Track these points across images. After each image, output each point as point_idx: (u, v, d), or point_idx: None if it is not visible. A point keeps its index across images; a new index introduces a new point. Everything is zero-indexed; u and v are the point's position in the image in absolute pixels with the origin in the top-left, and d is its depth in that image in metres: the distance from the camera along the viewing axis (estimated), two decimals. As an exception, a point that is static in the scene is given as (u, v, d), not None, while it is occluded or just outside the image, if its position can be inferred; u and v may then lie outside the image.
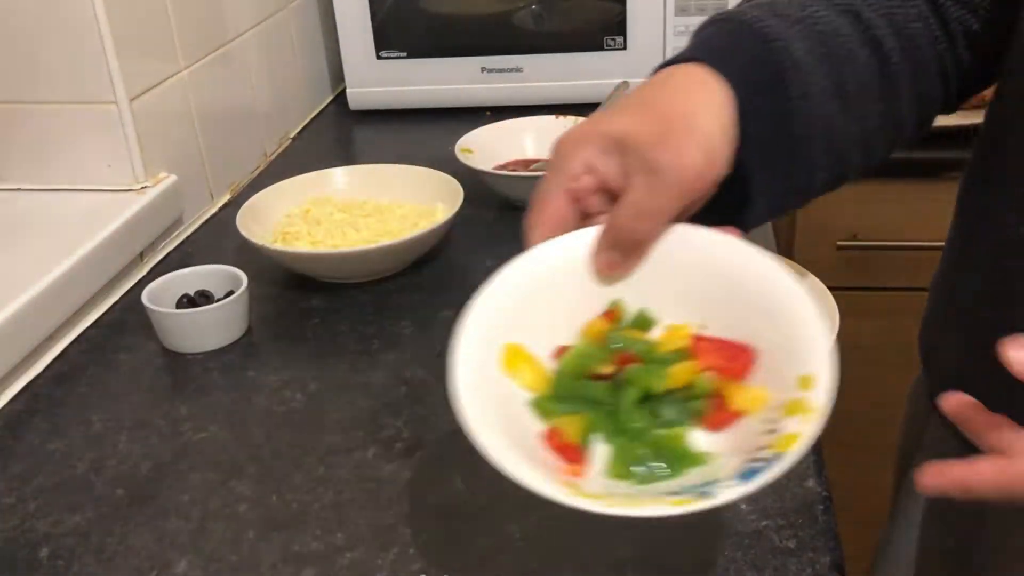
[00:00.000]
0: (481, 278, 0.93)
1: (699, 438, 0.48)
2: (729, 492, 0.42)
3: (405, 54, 1.32)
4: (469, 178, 1.02)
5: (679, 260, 0.52)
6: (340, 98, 1.44)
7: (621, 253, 0.52)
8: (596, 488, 0.46)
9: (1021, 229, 0.59)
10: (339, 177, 1.05)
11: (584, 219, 0.54)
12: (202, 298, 0.85)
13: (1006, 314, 0.61)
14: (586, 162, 0.52)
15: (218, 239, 1.05)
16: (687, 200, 0.51)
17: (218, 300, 0.84)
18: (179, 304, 0.85)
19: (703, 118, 0.51)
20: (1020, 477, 0.44)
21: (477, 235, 1.01)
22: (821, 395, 0.44)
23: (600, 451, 0.49)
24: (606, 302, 0.53)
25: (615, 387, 0.50)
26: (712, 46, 0.55)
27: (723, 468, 0.45)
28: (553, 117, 1.14)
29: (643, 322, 0.53)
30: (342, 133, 1.37)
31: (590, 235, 0.52)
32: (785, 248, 1.31)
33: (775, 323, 0.48)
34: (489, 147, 1.12)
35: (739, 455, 0.45)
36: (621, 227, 0.51)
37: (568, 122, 1.13)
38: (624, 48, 1.28)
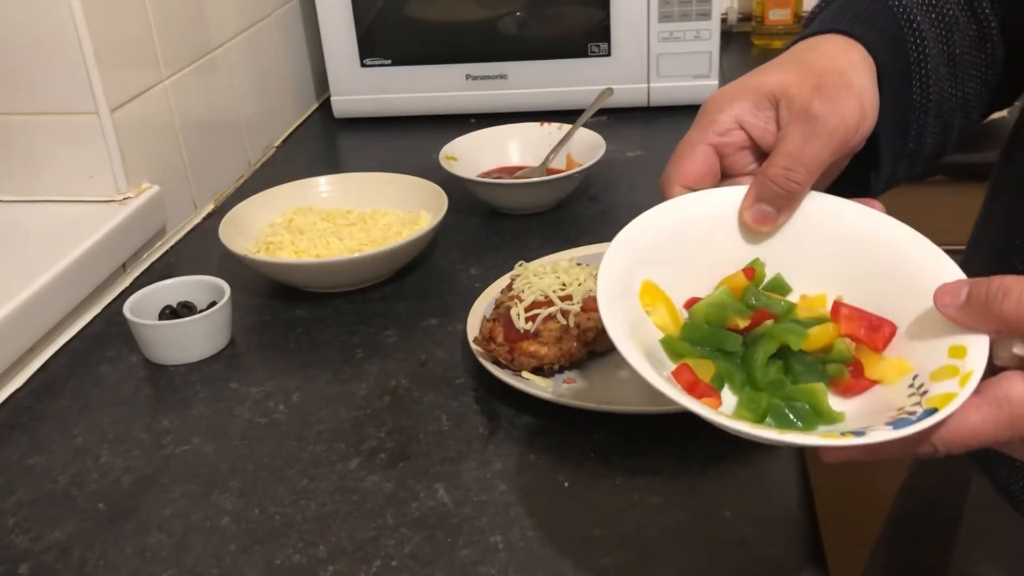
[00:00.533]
0: (465, 286, 0.94)
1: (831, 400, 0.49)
2: (880, 433, 0.42)
3: (390, 62, 1.32)
4: (454, 186, 1.02)
5: (819, 229, 0.52)
6: (324, 106, 1.44)
7: (773, 205, 0.52)
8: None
9: None
10: (323, 186, 1.05)
11: (724, 180, 0.54)
12: (185, 309, 0.85)
13: None
14: (737, 117, 0.52)
15: (201, 249, 1.04)
16: (840, 153, 0.51)
17: (201, 311, 0.84)
18: (162, 315, 0.85)
19: (855, 74, 0.52)
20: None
21: (462, 243, 1.01)
22: (976, 360, 0.44)
23: (726, 399, 0.49)
24: (744, 261, 0.53)
25: (748, 342, 0.50)
26: (846, 17, 0.56)
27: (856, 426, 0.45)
28: (538, 124, 1.14)
29: (778, 287, 0.53)
30: (326, 142, 1.37)
31: (733, 192, 0.52)
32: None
33: (918, 294, 0.48)
34: (474, 155, 1.11)
35: (869, 420, 0.45)
36: (776, 176, 0.51)
37: (552, 129, 1.13)
38: (608, 55, 1.29)
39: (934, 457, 0.44)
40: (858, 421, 0.46)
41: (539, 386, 0.73)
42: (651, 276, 0.51)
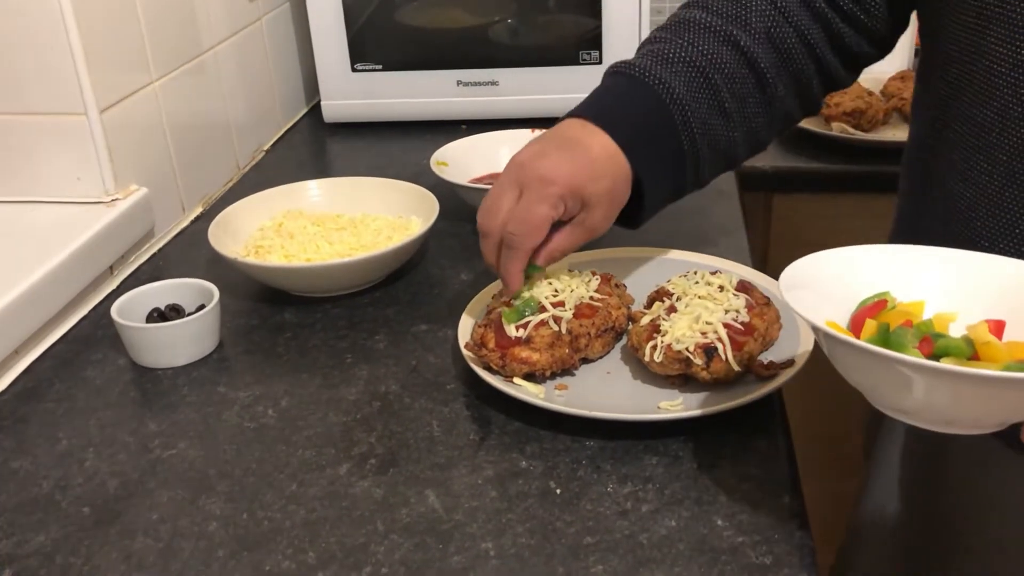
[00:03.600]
0: (456, 292, 0.93)
1: None
2: None
3: (380, 67, 1.32)
4: (444, 191, 1.01)
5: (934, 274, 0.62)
6: (315, 111, 1.43)
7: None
8: None
9: (967, 193, 0.69)
10: (313, 190, 1.04)
11: None
12: (173, 312, 0.84)
13: None
14: (562, 199, 0.74)
15: (190, 252, 1.03)
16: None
17: (189, 314, 0.83)
18: (149, 318, 0.84)
19: (620, 187, 0.75)
20: None
21: (452, 248, 1.01)
22: None
23: None
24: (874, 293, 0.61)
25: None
26: (604, 104, 0.78)
27: None
28: (529, 131, 1.14)
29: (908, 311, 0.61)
30: (316, 146, 1.36)
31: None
32: (759, 257, 1.32)
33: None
34: (464, 160, 1.11)
35: None
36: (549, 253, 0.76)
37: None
38: (599, 62, 1.29)
39: None
40: None
41: (531, 392, 0.73)
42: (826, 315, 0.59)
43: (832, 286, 0.61)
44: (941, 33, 0.70)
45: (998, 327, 0.57)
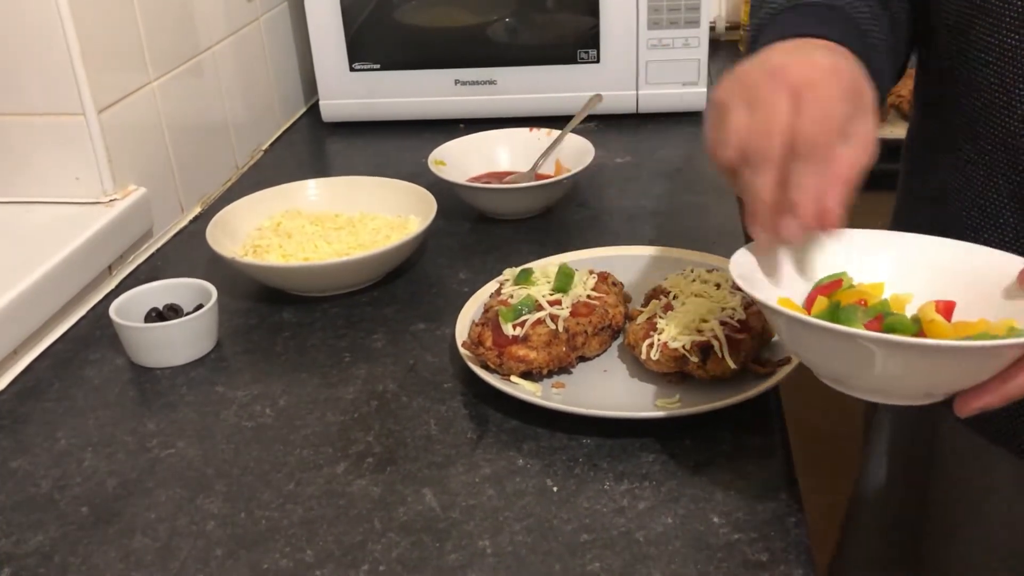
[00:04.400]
0: (454, 290, 0.94)
1: None
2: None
3: (378, 66, 1.32)
4: (442, 190, 1.01)
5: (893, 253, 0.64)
6: (313, 110, 1.43)
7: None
8: None
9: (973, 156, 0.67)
10: (311, 189, 1.04)
11: None
12: (171, 312, 0.84)
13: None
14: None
15: (188, 252, 1.03)
16: None
17: (187, 314, 0.83)
18: (148, 318, 0.84)
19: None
20: None
21: (450, 248, 1.01)
22: None
23: None
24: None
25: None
26: (779, 30, 0.62)
27: None
28: (527, 130, 1.14)
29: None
30: (315, 145, 1.37)
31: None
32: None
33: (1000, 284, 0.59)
34: (462, 159, 1.11)
35: None
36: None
37: (541, 134, 1.13)
38: (597, 61, 1.29)
39: None
40: None
41: (528, 390, 0.73)
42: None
43: (787, 269, 0.62)
44: (935, 24, 0.71)
45: (947, 308, 0.59)
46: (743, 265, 0.60)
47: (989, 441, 0.73)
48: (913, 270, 0.62)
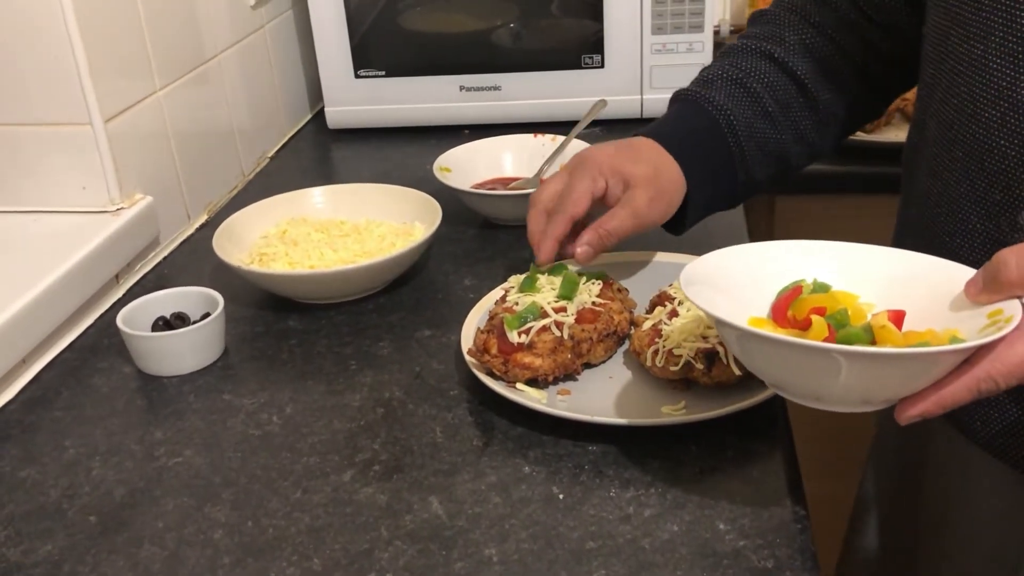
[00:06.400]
0: (460, 297, 0.94)
1: None
2: (973, 342, 0.52)
3: (383, 72, 1.32)
4: (448, 197, 1.02)
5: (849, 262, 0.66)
6: (318, 117, 1.44)
7: (594, 248, 0.81)
8: None
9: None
10: (316, 197, 1.05)
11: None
12: (178, 320, 0.84)
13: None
14: (604, 178, 0.81)
15: (195, 260, 1.04)
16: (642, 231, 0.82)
17: (194, 322, 0.83)
18: (155, 327, 0.84)
19: (673, 184, 0.81)
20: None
21: (455, 254, 1.01)
22: (1013, 310, 0.53)
23: None
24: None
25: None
26: (655, 124, 0.86)
27: None
28: (531, 135, 1.15)
29: (820, 287, 0.64)
30: (320, 152, 1.37)
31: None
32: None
33: (947, 292, 0.60)
34: (467, 166, 1.12)
35: None
36: (603, 236, 0.80)
37: (546, 140, 1.13)
38: (602, 66, 1.29)
39: (995, 392, 0.52)
40: None
41: (533, 398, 0.73)
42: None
43: (739, 280, 0.65)
44: (924, 33, 0.73)
45: (898, 317, 0.60)
46: (695, 274, 0.63)
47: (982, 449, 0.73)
48: (867, 279, 0.64)
